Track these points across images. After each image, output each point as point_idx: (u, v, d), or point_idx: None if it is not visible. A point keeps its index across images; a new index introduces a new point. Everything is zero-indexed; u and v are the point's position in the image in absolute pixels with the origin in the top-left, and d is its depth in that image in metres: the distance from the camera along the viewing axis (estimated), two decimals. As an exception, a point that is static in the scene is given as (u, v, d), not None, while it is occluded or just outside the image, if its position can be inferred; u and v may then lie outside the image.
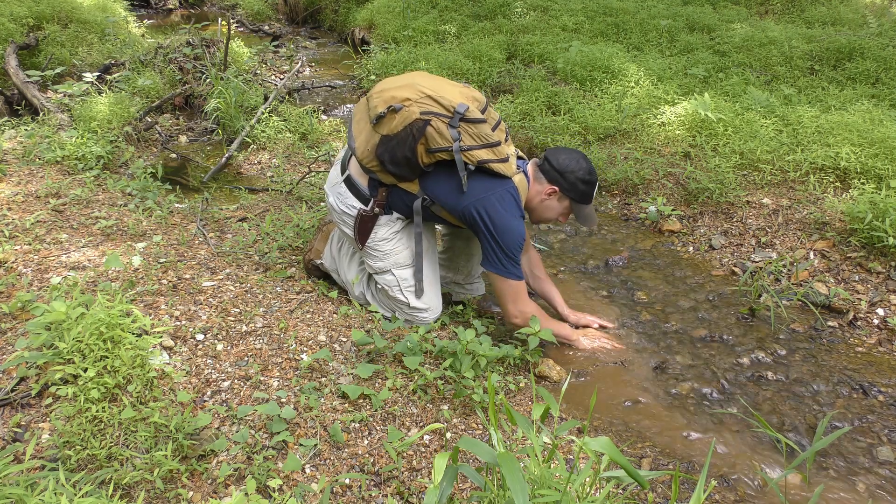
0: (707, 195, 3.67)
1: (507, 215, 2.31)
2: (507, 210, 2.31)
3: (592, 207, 2.52)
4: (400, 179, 2.37)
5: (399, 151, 2.26)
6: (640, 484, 1.27)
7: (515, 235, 2.33)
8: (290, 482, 1.76)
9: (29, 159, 3.68)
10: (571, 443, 2.06)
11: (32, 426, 1.81)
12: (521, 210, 2.39)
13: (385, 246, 2.49)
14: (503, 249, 2.34)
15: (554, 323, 2.60)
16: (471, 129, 2.27)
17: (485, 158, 2.28)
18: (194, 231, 3.17)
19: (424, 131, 2.22)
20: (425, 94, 2.24)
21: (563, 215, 2.53)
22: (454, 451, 1.37)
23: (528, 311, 2.46)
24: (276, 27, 9.46)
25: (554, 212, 2.51)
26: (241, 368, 2.13)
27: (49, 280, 2.43)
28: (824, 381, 2.48)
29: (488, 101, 2.43)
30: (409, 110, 2.22)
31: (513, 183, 2.36)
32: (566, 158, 2.43)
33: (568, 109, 4.71)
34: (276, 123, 4.78)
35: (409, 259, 2.52)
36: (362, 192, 2.44)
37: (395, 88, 2.28)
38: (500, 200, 2.31)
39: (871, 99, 4.53)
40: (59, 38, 5.96)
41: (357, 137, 2.38)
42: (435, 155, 2.28)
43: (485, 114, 2.34)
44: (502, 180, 2.34)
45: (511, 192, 2.34)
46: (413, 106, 2.22)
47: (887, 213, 3.04)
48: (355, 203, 2.45)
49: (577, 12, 6.86)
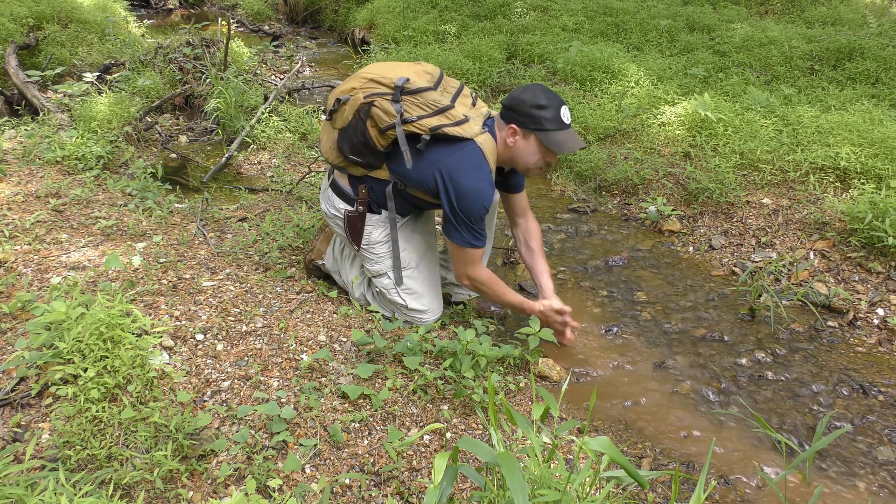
0: (707, 195, 3.67)
1: (468, 176, 2.22)
2: (468, 171, 2.22)
3: (567, 133, 2.27)
4: (368, 168, 2.38)
5: (354, 139, 2.31)
6: (640, 484, 1.27)
7: (476, 199, 2.22)
8: (290, 482, 1.76)
9: (29, 159, 3.68)
10: (571, 443, 2.06)
11: (32, 426, 1.81)
12: (488, 169, 2.27)
13: (380, 249, 2.50)
14: (461, 215, 2.25)
15: (509, 292, 2.51)
16: (416, 100, 2.24)
17: (437, 124, 2.22)
18: (194, 231, 3.17)
19: (370, 112, 2.25)
20: (368, 79, 2.29)
21: (540, 155, 2.32)
22: (454, 451, 1.37)
23: (480, 277, 2.38)
24: (276, 27, 9.47)
25: (527, 153, 2.31)
26: (241, 368, 2.13)
27: (49, 280, 2.43)
28: (824, 381, 2.48)
29: (443, 73, 2.40)
30: (355, 97, 2.28)
31: (475, 143, 2.25)
32: (516, 93, 2.30)
33: (568, 109, 4.71)
34: (276, 123, 4.78)
35: (405, 261, 2.52)
36: (346, 194, 2.47)
37: (343, 83, 2.36)
38: (460, 162, 2.22)
39: (871, 99, 4.53)
40: (59, 38, 5.96)
41: (323, 142, 2.47)
42: (387, 134, 2.27)
43: (440, 84, 2.33)
44: (462, 143, 2.24)
45: (472, 151, 2.24)
46: (358, 93, 2.28)
47: (887, 213, 3.04)
48: (341, 205, 2.48)
49: (577, 12, 6.86)
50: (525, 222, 2.71)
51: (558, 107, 2.25)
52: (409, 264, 2.54)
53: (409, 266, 2.54)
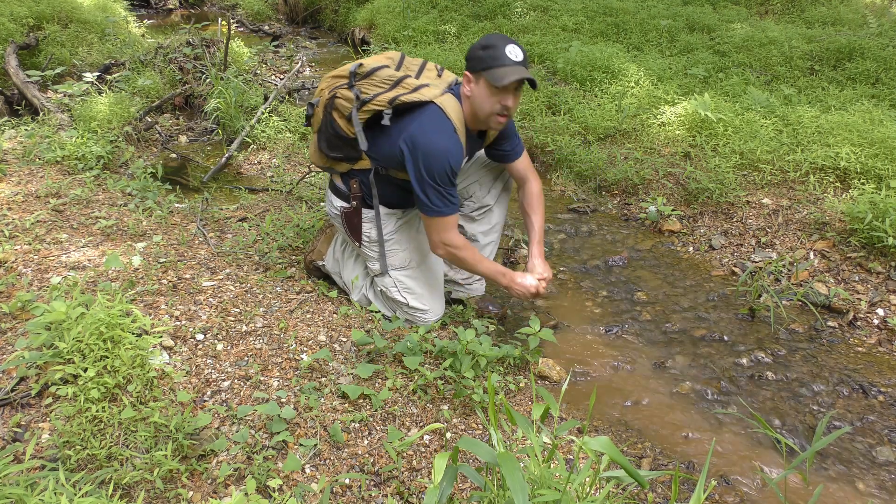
0: (707, 195, 3.67)
1: (429, 137, 2.19)
2: (430, 132, 2.19)
3: (511, 67, 2.15)
4: (351, 161, 2.43)
5: (328, 134, 2.41)
6: (640, 483, 1.27)
7: (438, 157, 2.18)
8: (290, 482, 1.76)
9: (29, 159, 3.68)
10: (571, 443, 2.06)
11: (32, 426, 1.81)
12: (451, 128, 2.23)
13: (379, 248, 2.51)
14: (426, 178, 2.20)
15: (486, 260, 2.47)
16: (372, 80, 2.30)
17: (393, 96, 2.24)
18: (194, 231, 3.17)
19: (334, 104, 2.35)
20: (332, 76, 2.41)
21: (490, 96, 2.20)
22: (454, 451, 1.37)
23: (455, 242, 2.33)
24: (276, 27, 9.46)
25: (481, 99, 2.22)
26: (241, 368, 2.13)
27: (49, 280, 2.43)
28: (824, 381, 2.48)
29: (404, 56, 2.46)
30: (322, 96, 2.41)
31: (434, 105, 2.23)
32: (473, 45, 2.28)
33: (568, 109, 4.71)
34: (276, 123, 4.78)
35: (405, 261, 2.53)
36: (341, 191, 2.51)
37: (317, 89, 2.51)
38: (421, 125, 2.20)
39: (871, 99, 4.53)
40: (59, 38, 5.96)
41: (309, 149, 2.64)
42: (351, 119, 2.33)
43: (402, 65, 2.39)
44: (423, 108, 2.23)
45: (432, 113, 2.22)
46: (325, 91, 2.40)
47: (887, 213, 3.04)
48: (339, 203, 2.52)
49: (577, 12, 6.86)
50: (525, 188, 2.62)
51: (504, 45, 2.17)
52: (410, 264, 2.54)
53: (410, 266, 2.54)
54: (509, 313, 2.88)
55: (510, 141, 2.53)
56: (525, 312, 2.89)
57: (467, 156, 2.48)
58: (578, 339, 2.71)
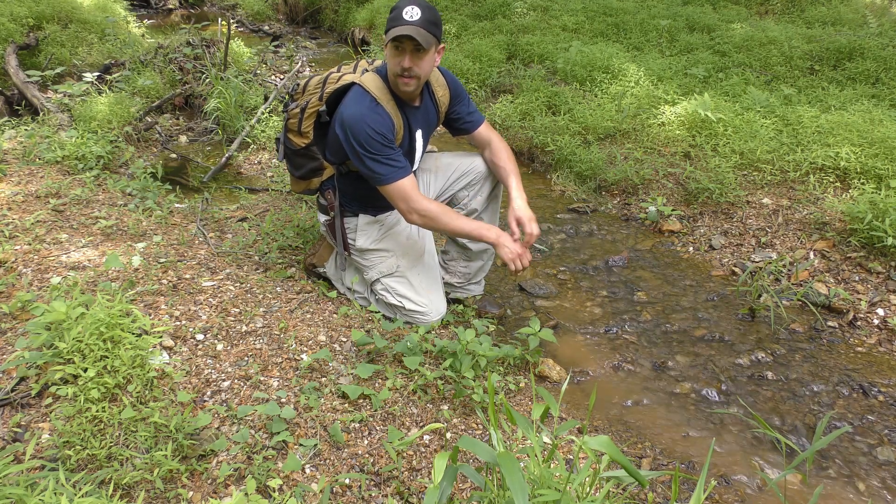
0: (707, 195, 3.67)
1: (349, 110, 2.23)
2: (350, 106, 2.24)
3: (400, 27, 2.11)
4: (317, 173, 2.63)
5: (289, 154, 2.59)
6: (640, 483, 1.27)
7: (359, 123, 2.19)
8: (290, 482, 1.76)
9: (29, 159, 3.68)
10: (571, 443, 2.06)
11: (32, 426, 1.81)
12: (370, 98, 2.24)
13: (369, 256, 2.56)
14: (358, 148, 2.22)
15: (461, 218, 2.37)
16: (307, 91, 2.46)
17: (322, 92, 2.40)
18: (194, 231, 3.17)
19: (287, 124, 2.53)
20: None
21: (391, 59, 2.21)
22: (454, 451, 1.37)
23: (427, 208, 2.28)
24: (276, 27, 9.47)
25: (387, 62, 2.25)
26: (241, 368, 2.13)
27: (49, 280, 2.43)
28: (824, 381, 2.48)
29: (342, 63, 2.60)
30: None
31: (355, 84, 2.29)
32: None
33: (568, 109, 4.71)
34: (277, 123, 4.78)
35: (393, 267, 2.55)
36: (322, 206, 2.67)
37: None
38: (345, 105, 2.27)
39: (871, 99, 4.53)
40: (59, 38, 5.96)
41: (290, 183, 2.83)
42: (302, 132, 2.49)
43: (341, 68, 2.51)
44: (347, 92, 2.31)
45: (354, 92, 2.28)
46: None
47: (887, 213, 3.04)
48: (323, 217, 2.68)
49: (577, 12, 6.86)
50: (489, 151, 2.56)
51: (406, 5, 2.13)
52: (399, 269, 2.54)
53: (399, 271, 2.54)
54: (509, 313, 2.88)
55: (464, 111, 2.54)
56: (525, 312, 2.89)
57: (409, 127, 2.40)
58: (578, 340, 2.71)
